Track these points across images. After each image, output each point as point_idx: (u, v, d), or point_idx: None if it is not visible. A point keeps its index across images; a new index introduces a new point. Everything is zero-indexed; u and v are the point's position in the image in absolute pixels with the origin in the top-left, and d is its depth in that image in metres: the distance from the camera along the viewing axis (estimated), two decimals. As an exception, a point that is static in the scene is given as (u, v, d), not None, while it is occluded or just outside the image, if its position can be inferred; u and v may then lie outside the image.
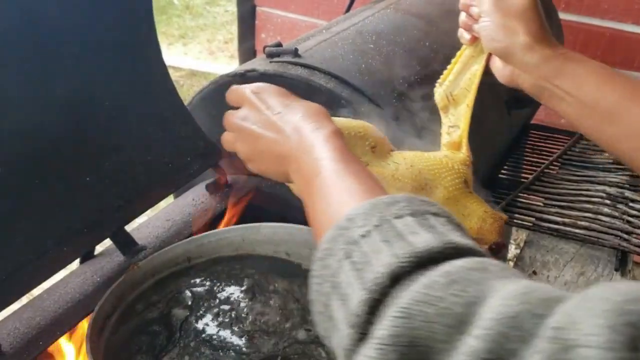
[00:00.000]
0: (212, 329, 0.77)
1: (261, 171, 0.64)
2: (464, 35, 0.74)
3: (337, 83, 0.94)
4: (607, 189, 1.25)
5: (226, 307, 0.81)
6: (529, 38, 0.64)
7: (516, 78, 0.67)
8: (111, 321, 0.78)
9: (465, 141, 0.74)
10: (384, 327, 0.34)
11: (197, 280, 0.85)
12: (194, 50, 3.54)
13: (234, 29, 2.52)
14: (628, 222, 1.16)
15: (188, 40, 3.64)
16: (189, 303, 0.82)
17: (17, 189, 0.79)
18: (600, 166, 1.34)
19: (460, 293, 0.33)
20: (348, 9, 1.48)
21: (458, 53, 0.77)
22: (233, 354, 0.73)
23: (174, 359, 0.74)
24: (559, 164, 1.38)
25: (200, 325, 0.78)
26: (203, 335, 0.76)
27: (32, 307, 0.80)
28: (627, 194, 1.23)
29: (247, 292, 0.82)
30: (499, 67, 0.70)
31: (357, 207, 0.42)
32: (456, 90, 0.76)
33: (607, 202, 1.21)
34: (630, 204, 1.20)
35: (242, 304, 0.80)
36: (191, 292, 0.84)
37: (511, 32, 0.65)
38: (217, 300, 0.82)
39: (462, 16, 0.74)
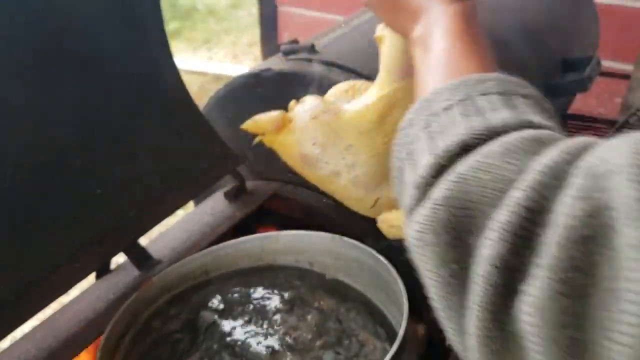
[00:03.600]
0: (238, 336, 0.74)
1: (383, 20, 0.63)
2: None
3: (355, 78, 0.89)
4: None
5: (257, 316, 0.77)
6: None
7: None
8: (125, 341, 0.74)
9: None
10: (440, 189, 0.36)
11: (225, 290, 0.81)
12: (219, 55, 3.52)
13: (258, 31, 2.49)
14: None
15: (212, 45, 3.63)
16: (220, 308, 0.78)
17: (25, 203, 0.76)
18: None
19: (513, 161, 0.35)
20: (369, 2, 1.42)
21: None
22: None
23: None
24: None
25: (226, 329, 0.75)
26: (228, 340, 0.73)
27: (44, 327, 0.77)
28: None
29: (286, 304, 0.78)
30: None
31: (447, 82, 0.43)
32: None
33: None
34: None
35: (277, 316, 0.76)
36: (223, 298, 0.80)
37: None
38: (250, 307, 0.78)
39: None
